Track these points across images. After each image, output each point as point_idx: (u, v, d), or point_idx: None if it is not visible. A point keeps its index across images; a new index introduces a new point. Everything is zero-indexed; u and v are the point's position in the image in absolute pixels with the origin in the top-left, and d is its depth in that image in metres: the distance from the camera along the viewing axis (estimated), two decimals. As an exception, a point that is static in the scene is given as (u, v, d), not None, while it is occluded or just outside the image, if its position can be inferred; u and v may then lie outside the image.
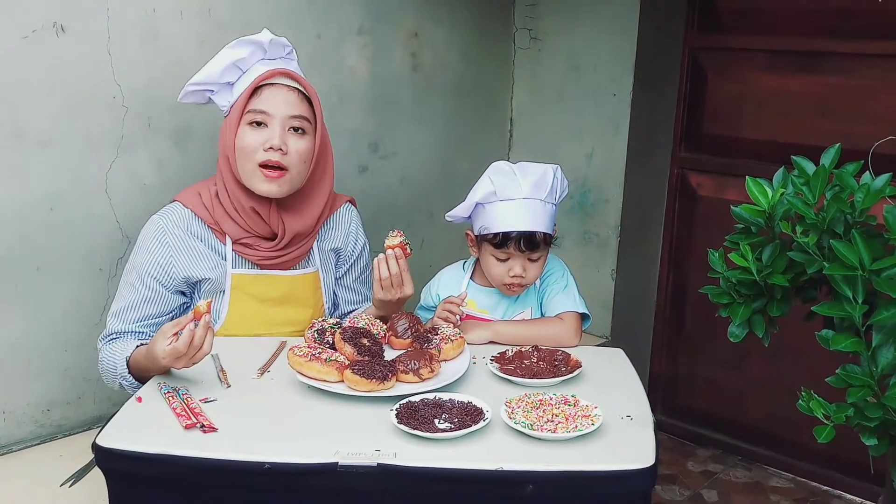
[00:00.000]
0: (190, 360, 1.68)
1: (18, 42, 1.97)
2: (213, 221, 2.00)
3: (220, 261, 2.01)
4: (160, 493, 1.47)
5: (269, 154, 1.92)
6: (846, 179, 1.37)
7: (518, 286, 2.00)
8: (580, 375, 1.74)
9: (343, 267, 2.19)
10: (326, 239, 2.14)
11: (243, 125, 1.94)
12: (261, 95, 1.95)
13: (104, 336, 1.99)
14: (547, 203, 1.96)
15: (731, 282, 1.46)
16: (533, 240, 1.94)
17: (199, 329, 1.65)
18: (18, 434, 2.14)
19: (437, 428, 1.48)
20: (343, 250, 2.18)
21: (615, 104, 2.97)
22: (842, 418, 1.33)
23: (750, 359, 2.96)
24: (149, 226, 2.01)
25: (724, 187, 2.94)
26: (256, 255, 2.00)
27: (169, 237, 1.97)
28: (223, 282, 2.00)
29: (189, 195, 2.04)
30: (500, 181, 1.95)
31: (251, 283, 2.01)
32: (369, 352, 1.76)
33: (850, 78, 2.64)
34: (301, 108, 1.97)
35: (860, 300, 1.29)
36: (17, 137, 2.00)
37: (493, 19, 3.10)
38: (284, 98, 1.95)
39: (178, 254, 1.97)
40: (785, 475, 2.94)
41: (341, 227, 2.17)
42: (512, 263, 1.97)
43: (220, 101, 2.01)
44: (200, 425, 1.51)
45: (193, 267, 1.98)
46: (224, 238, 2.00)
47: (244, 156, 1.94)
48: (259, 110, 1.93)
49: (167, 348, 1.65)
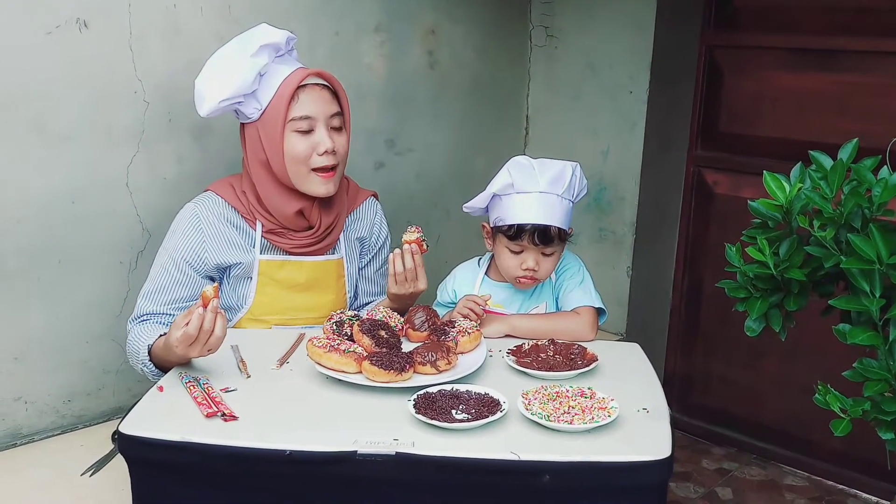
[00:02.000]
0: (205, 347, 1.69)
1: (42, 38, 1.99)
2: (246, 211, 2.04)
3: (249, 247, 2.05)
4: (181, 481, 1.49)
5: (324, 158, 1.97)
6: (864, 174, 1.37)
7: (529, 280, 2.01)
8: (596, 369, 1.75)
9: (366, 257, 2.24)
10: (352, 229, 2.19)
11: (289, 133, 1.96)
12: (299, 100, 1.96)
13: (134, 317, 2.03)
14: (564, 199, 1.97)
15: (748, 276, 1.46)
16: (547, 233, 1.95)
17: (208, 314, 1.66)
18: (40, 424, 2.17)
19: (454, 418, 1.50)
20: (367, 240, 2.23)
21: (631, 102, 2.97)
22: (858, 412, 1.33)
23: (765, 357, 2.96)
24: (183, 212, 2.05)
25: (740, 185, 2.93)
26: (289, 244, 2.05)
27: (203, 223, 2.02)
28: (251, 267, 2.05)
29: (222, 186, 2.08)
30: (518, 174, 1.97)
31: (278, 269, 2.06)
32: (387, 343, 1.77)
33: (867, 76, 2.63)
34: (335, 103, 2.02)
35: (877, 294, 1.29)
36: (39, 132, 2.03)
37: (510, 17, 3.11)
38: (321, 98, 1.99)
39: (210, 240, 2.02)
40: (800, 473, 2.94)
41: (366, 219, 2.23)
42: (525, 256, 1.98)
43: (247, 110, 1.99)
44: (221, 414, 1.53)
45: (225, 253, 2.03)
46: (255, 225, 2.05)
47: (297, 163, 1.97)
48: (303, 116, 1.96)
49: (179, 336, 1.67)
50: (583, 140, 3.09)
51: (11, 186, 2.01)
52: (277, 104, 1.95)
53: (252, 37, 1.98)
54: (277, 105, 1.95)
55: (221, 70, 1.96)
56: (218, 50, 2.02)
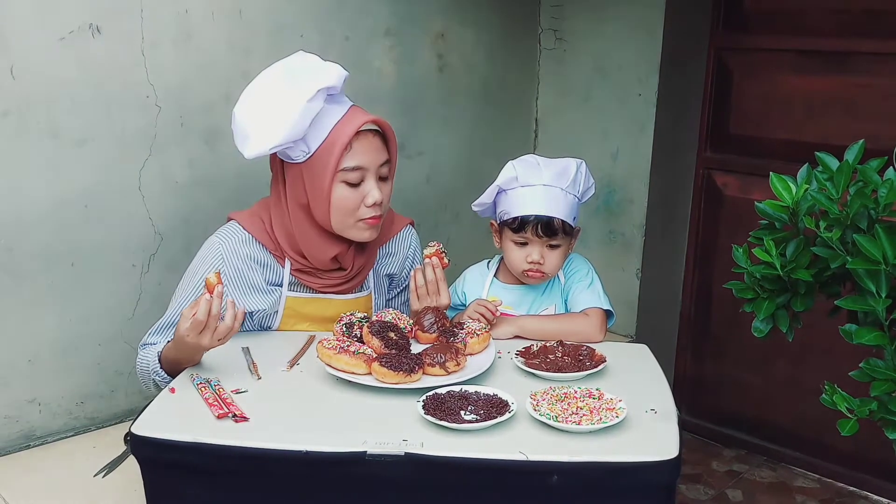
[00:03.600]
0: (214, 335, 1.68)
1: (56, 43, 2.02)
2: (275, 248, 1.97)
3: (274, 287, 1.98)
4: (193, 481, 1.50)
5: (371, 210, 1.90)
6: (869, 175, 1.37)
7: (537, 274, 2.02)
8: (604, 370, 1.76)
9: (396, 289, 2.19)
10: (383, 264, 2.12)
11: (338, 183, 1.87)
12: (352, 149, 1.87)
13: (142, 344, 1.97)
14: (568, 193, 1.98)
15: (755, 277, 1.47)
16: (550, 225, 1.97)
17: (215, 299, 1.66)
18: (53, 426, 2.19)
19: (463, 419, 1.51)
20: (398, 276, 2.17)
21: (640, 104, 2.98)
22: (865, 412, 1.33)
23: (775, 360, 2.96)
24: (208, 249, 1.96)
25: (749, 187, 2.94)
26: (318, 283, 1.99)
27: (226, 265, 1.93)
28: (277, 303, 1.99)
29: (250, 219, 1.98)
30: (523, 168, 1.99)
31: (305, 305, 2.01)
32: (396, 345, 1.78)
33: (876, 78, 2.64)
34: (384, 151, 1.94)
35: (884, 294, 1.30)
36: (53, 136, 2.05)
37: (519, 21, 3.12)
38: (373, 147, 1.91)
39: (232, 285, 1.93)
40: (810, 475, 2.94)
41: (399, 253, 2.15)
42: (530, 249, 2.00)
43: (293, 153, 1.88)
44: (232, 415, 1.54)
45: (246, 299, 1.95)
46: (283, 262, 1.98)
47: (344, 213, 1.89)
48: (355, 167, 1.87)
49: (188, 325, 1.66)
50: (592, 143, 3.10)
51: (25, 190, 2.03)
52: (328, 151, 1.85)
53: (306, 75, 1.85)
54: (328, 152, 1.85)
55: (273, 112, 1.82)
56: (262, 79, 1.90)
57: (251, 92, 1.89)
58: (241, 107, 1.89)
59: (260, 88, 1.89)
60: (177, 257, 2.26)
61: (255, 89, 1.89)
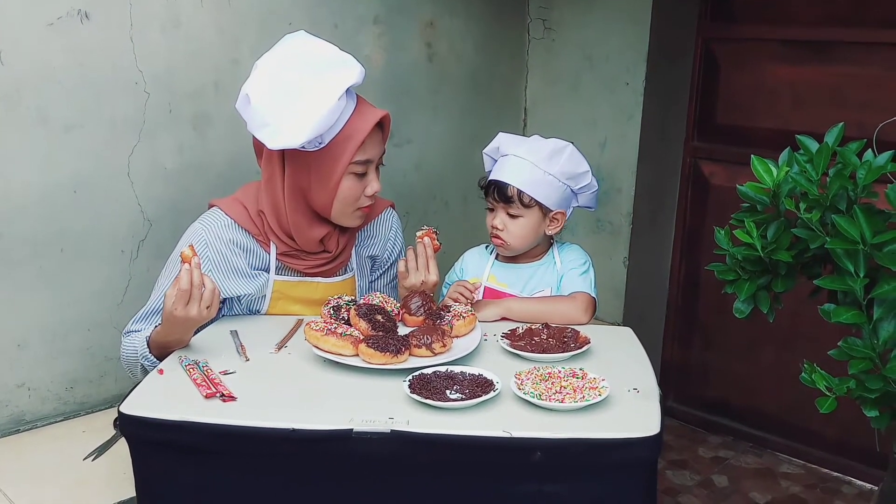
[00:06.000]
0: (202, 305, 1.70)
1: (44, 29, 2.02)
2: (259, 233, 1.98)
3: (259, 272, 1.99)
4: (181, 460, 1.52)
5: (370, 199, 1.97)
6: (848, 156, 1.39)
7: (497, 240, 2.08)
8: (588, 351, 1.78)
9: (378, 271, 2.21)
10: (365, 246, 2.15)
11: (349, 175, 1.91)
12: (364, 144, 1.90)
13: (126, 332, 1.96)
14: (537, 168, 2.01)
15: (736, 259, 1.49)
16: (504, 192, 2.02)
17: (195, 269, 1.69)
18: (43, 410, 2.20)
19: (448, 398, 1.53)
20: (380, 257, 2.19)
21: (628, 94, 2.99)
22: (843, 390, 1.35)
23: (761, 347, 2.98)
24: (190, 235, 1.96)
25: (736, 176, 2.95)
26: (303, 265, 2.01)
27: (210, 251, 1.93)
28: (264, 288, 2.00)
29: (233, 205, 1.99)
30: (507, 140, 2.10)
31: (292, 289, 2.03)
32: (383, 327, 1.79)
33: (862, 67, 2.66)
34: (383, 143, 1.99)
35: (862, 274, 1.32)
36: (42, 122, 2.06)
37: (508, 10, 3.13)
38: (377, 140, 1.95)
39: (216, 270, 1.93)
40: (795, 461, 2.96)
41: (380, 235, 2.18)
42: (494, 215, 2.07)
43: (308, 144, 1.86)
44: (220, 395, 1.56)
45: (231, 284, 1.95)
46: (269, 247, 2.00)
47: (346, 203, 1.94)
48: (364, 161, 1.92)
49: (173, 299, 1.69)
50: (580, 132, 3.11)
51: (14, 176, 2.04)
52: (343, 145, 1.87)
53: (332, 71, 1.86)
54: (342, 146, 1.87)
55: (302, 107, 1.81)
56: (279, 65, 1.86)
57: (269, 75, 1.85)
58: (257, 91, 1.84)
59: (279, 76, 1.84)
60: (166, 243, 2.26)
61: (273, 75, 1.85)
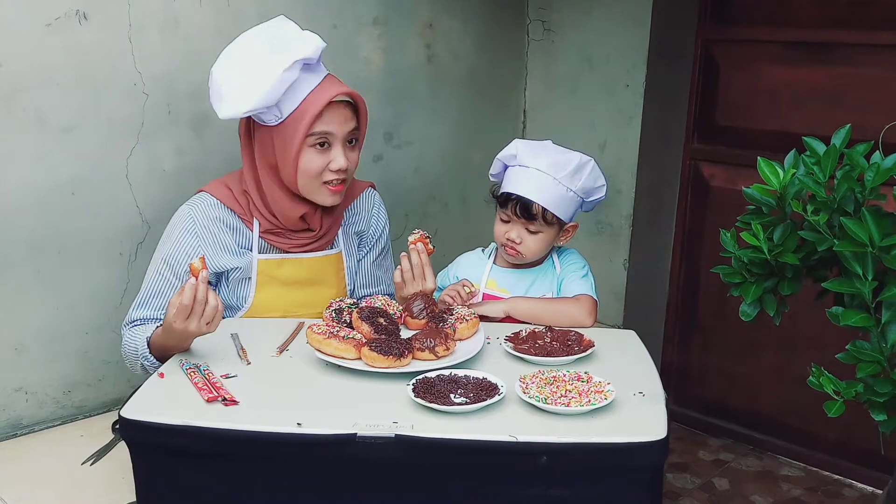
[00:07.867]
0: (202, 321, 1.69)
1: (42, 29, 2.01)
2: (243, 212, 2.03)
3: (246, 251, 2.04)
4: (182, 464, 1.50)
5: (335, 175, 1.98)
6: (856, 159, 1.38)
7: (512, 250, 2.06)
8: (593, 355, 1.77)
9: (364, 248, 2.24)
10: (350, 223, 2.19)
11: (307, 147, 1.94)
12: (322, 117, 1.93)
13: (128, 322, 2.00)
14: (561, 184, 1.99)
15: (742, 261, 1.48)
16: (529, 209, 2.01)
17: (200, 284, 1.67)
18: (40, 414, 2.18)
19: (452, 402, 1.51)
20: (366, 232, 2.23)
21: (628, 95, 2.99)
22: (851, 394, 1.34)
23: (762, 349, 2.97)
24: (178, 215, 2.03)
25: (736, 178, 2.94)
26: (287, 243, 2.05)
27: (198, 227, 2.00)
28: (249, 269, 2.03)
29: (217, 187, 2.06)
30: (525, 148, 2.05)
31: (277, 267, 2.05)
32: (386, 331, 1.78)
33: (862, 69, 2.65)
34: (354, 120, 2.01)
35: (870, 277, 1.31)
36: (40, 124, 2.04)
37: (507, 11, 3.12)
38: (343, 116, 1.97)
39: (206, 244, 2.00)
40: (796, 464, 2.95)
41: (364, 211, 2.23)
42: (510, 227, 2.06)
43: (266, 117, 1.95)
44: (222, 398, 1.54)
45: (221, 258, 2.01)
46: (252, 226, 2.04)
47: (310, 176, 1.97)
48: (323, 132, 1.94)
49: (175, 311, 1.67)
50: (580, 133, 3.11)
51: (12, 178, 2.02)
52: (300, 118, 1.91)
53: (286, 44, 1.91)
54: (300, 119, 1.91)
55: (250, 78, 1.88)
56: (241, 41, 1.96)
57: (230, 53, 1.96)
58: (218, 66, 1.95)
59: (239, 51, 1.95)
60: (164, 246, 2.25)
61: (234, 51, 1.96)
